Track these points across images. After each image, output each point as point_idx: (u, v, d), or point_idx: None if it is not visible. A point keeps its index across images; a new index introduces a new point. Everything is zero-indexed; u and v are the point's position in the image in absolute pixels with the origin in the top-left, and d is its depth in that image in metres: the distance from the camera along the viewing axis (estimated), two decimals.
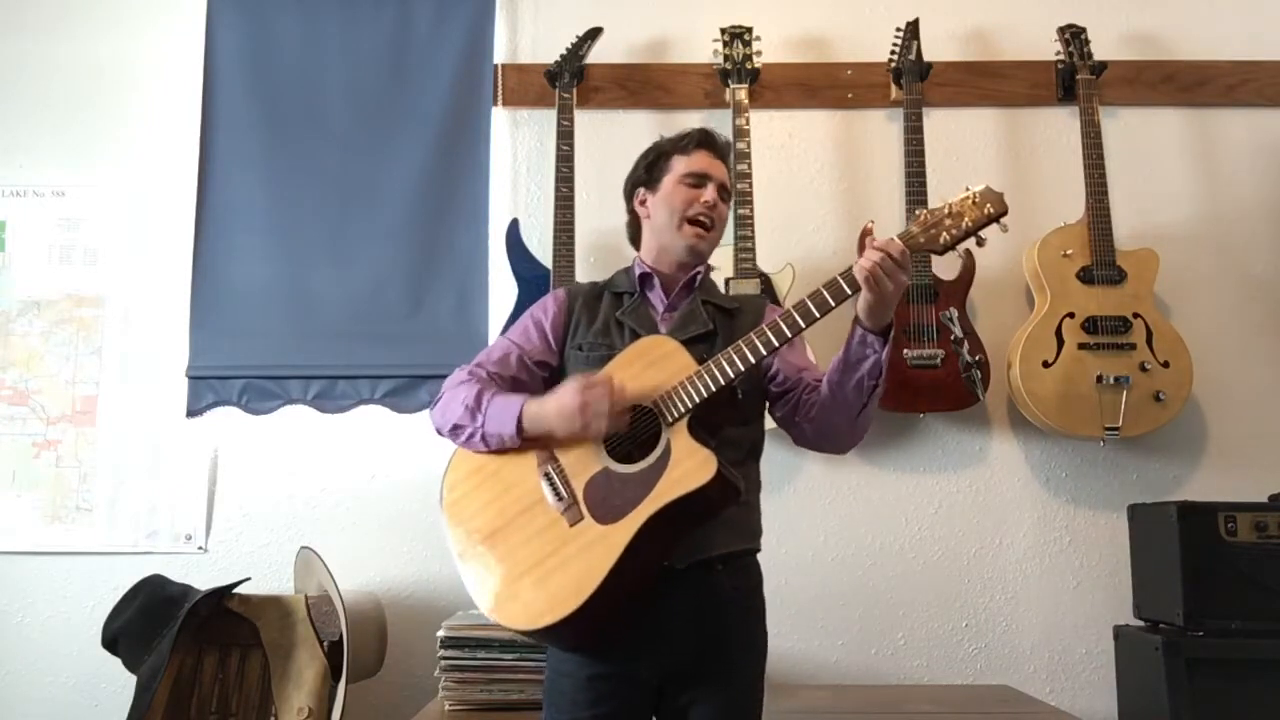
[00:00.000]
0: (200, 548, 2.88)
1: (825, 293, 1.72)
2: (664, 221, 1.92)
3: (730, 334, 1.87)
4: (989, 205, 1.69)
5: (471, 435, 1.82)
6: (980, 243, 1.72)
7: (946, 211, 1.71)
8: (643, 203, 1.98)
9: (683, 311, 1.91)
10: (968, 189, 1.72)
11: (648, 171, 1.98)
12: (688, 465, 1.68)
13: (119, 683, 2.61)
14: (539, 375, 1.92)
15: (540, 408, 1.76)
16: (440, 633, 2.40)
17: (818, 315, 1.72)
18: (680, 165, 1.93)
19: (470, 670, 2.37)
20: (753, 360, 1.72)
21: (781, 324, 1.73)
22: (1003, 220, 1.70)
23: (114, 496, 2.90)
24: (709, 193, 1.91)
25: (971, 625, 2.82)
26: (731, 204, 2.71)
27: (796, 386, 1.87)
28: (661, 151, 1.97)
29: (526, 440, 1.78)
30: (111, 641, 2.53)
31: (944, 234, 1.70)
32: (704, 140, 1.96)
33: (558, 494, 1.75)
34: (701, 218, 1.90)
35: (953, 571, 2.84)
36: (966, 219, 1.70)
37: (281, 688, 2.47)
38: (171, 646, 2.42)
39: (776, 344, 1.73)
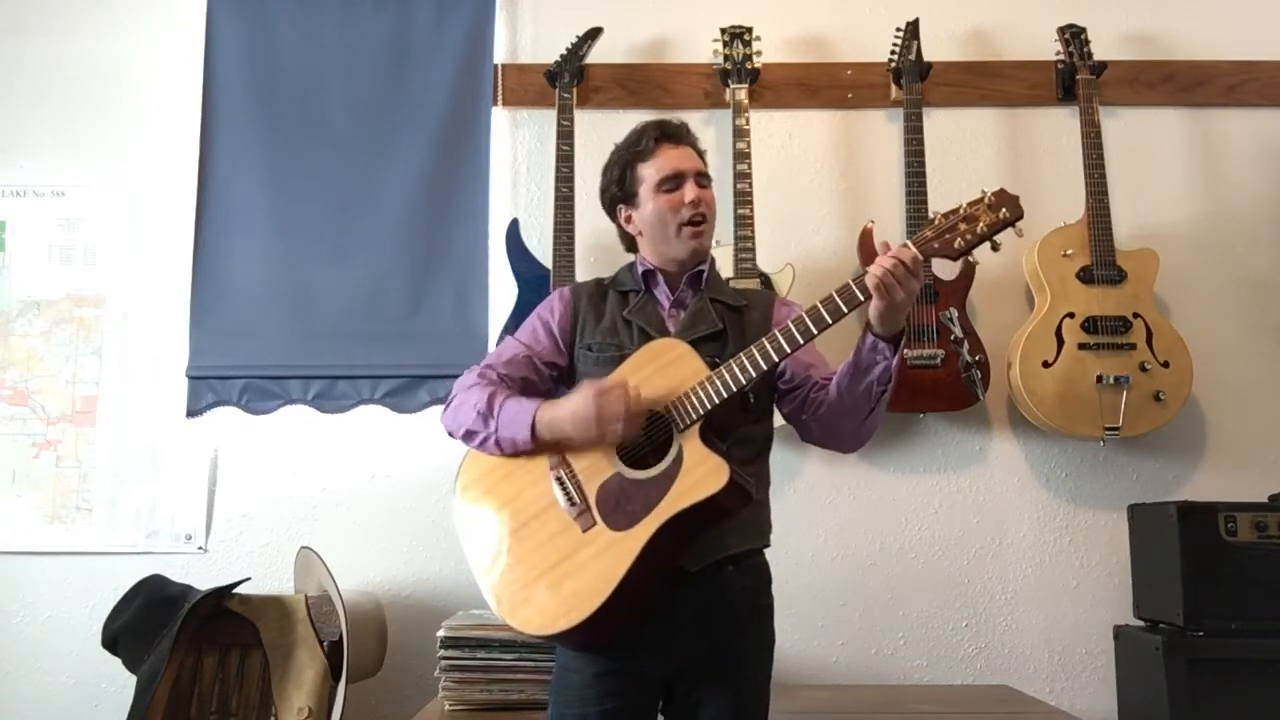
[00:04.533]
0: (200, 548, 2.88)
1: (838, 298, 1.70)
2: (659, 233, 1.90)
3: (739, 332, 1.87)
4: (1004, 209, 1.67)
5: (485, 440, 1.82)
6: (995, 248, 1.70)
7: (961, 215, 1.69)
8: (628, 220, 1.95)
9: (691, 310, 1.90)
10: (983, 192, 1.70)
11: (620, 187, 1.93)
12: (699, 473, 1.68)
13: (119, 683, 2.62)
14: (548, 375, 1.93)
15: (554, 414, 1.75)
16: (440, 633, 2.40)
17: (830, 321, 1.71)
18: (650, 173, 1.89)
19: (470, 670, 2.37)
20: (765, 367, 1.72)
21: (793, 329, 1.72)
22: (1018, 225, 1.69)
23: (114, 496, 2.90)
24: (689, 190, 1.87)
25: (971, 625, 2.82)
26: (732, 201, 2.74)
27: (804, 384, 1.86)
28: (625, 163, 1.92)
29: (540, 445, 1.79)
30: (111, 642, 2.53)
31: (958, 239, 1.68)
32: (661, 134, 1.90)
33: (570, 499, 1.76)
34: (694, 218, 1.88)
35: (953, 571, 2.84)
36: (981, 223, 1.68)
37: (281, 688, 2.47)
38: (171, 646, 2.42)
39: (789, 350, 1.72)
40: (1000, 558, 2.85)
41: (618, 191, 1.95)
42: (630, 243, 2.00)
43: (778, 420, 1.94)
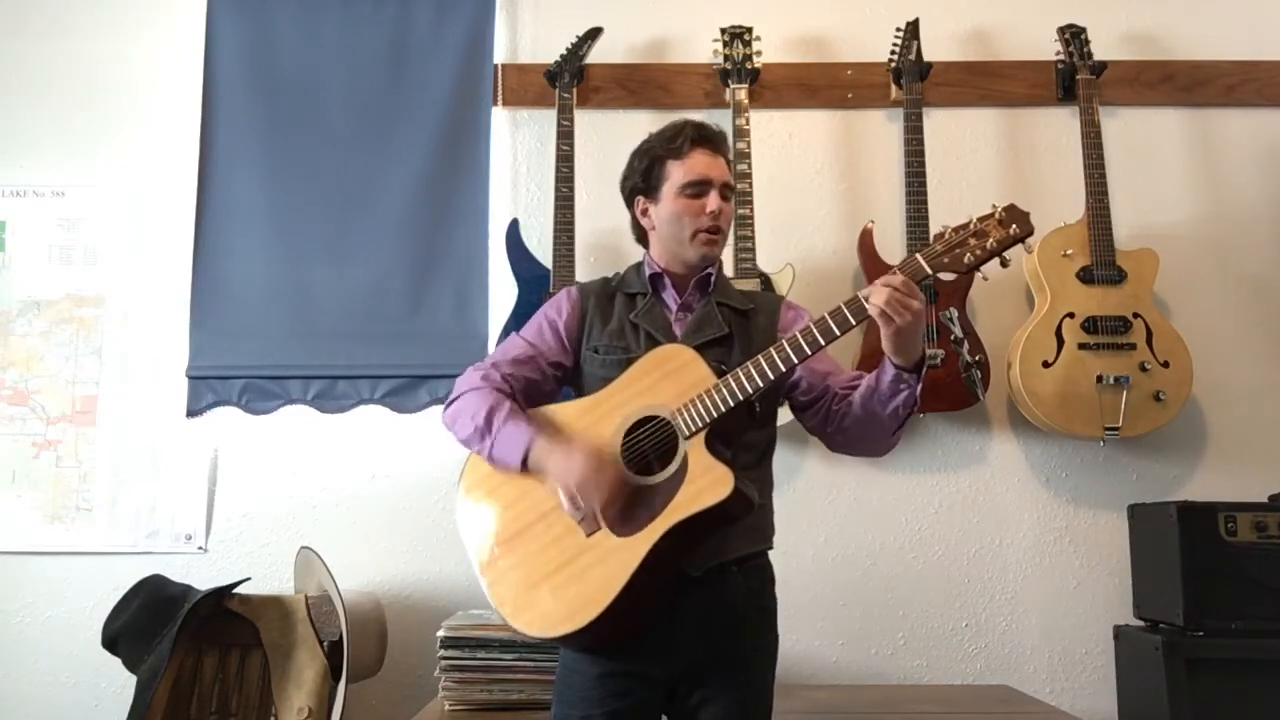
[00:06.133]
0: (200, 548, 2.88)
1: (846, 310, 1.70)
2: (672, 233, 1.89)
3: (746, 336, 1.87)
4: (1015, 225, 1.67)
5: (480, 452, 1.83)
6: (1004, 264, 1.70)
7: (971, 230, 1.68)
8: (644, 212, 1.93)
9: (698, 314, 1.90)
10: (994, 207, 1.70)
11: (644, 179, 1.91)
12: (704, 481, 1.68)
13: (119, 683, 2.62)
14: (553, 376, 1.92)
15: (545, 455, 1.75)
16: (440, 633, 2.40)
17: (838, 333, 1.71)
18: (678, 173, 1.87)
19: (470, 670, 2.37)
20: (771, 377, 1.71)
21: (801, 340, 1.71)
22: (1028, 241, 1.68)
23: (114, 496, 2.90)
24: (712, 201, 1.86)
25: (971, 625, 2.82)
26: (732, 201, 2.73)
27: (824, 396, 1.85)
28: (655, 157, 1.90)
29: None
30: (111, 642, 2.53)
31: (968, 254, 1.68)
32: (698, 138, 1.88)
33: (574, 502, 1.75)
34: (711, 228, 1.87)
35: (953, 571, 2.84)
36: (991, 239, 1.68)
37: (281, 688, 2.47)
38: (171, 646, 2.42)
39: (796, 360, 1.71)
40: (1000, 558, 2.85)
41: (640, 183, 1.92)
42: (640, 234, 1.98)
43: (780, 420, 1.93)
